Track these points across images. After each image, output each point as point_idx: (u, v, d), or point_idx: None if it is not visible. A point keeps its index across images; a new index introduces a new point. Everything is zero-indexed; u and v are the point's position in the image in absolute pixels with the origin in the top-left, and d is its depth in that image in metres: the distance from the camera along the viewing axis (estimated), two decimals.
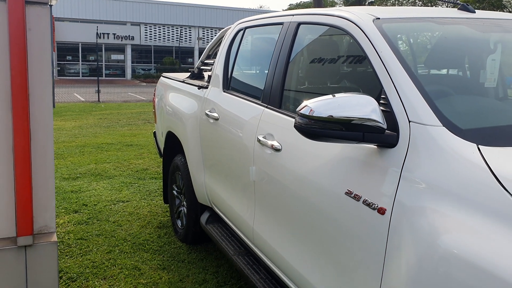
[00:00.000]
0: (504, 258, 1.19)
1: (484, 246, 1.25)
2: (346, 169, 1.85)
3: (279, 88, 2.53)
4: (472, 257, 1.25)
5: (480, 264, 1.22)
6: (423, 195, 1.48)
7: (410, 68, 1.77)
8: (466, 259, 1.26)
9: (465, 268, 1.26)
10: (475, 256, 1.24)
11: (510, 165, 1.34)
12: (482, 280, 1.21)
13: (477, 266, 1.23)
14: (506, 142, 1.48)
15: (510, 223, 1.22)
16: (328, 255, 1.93)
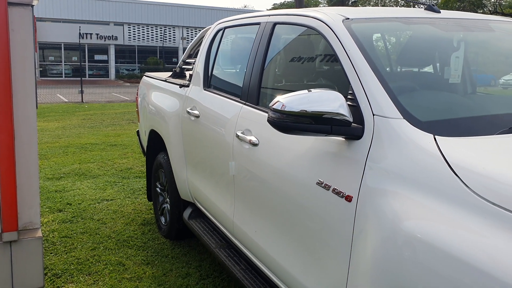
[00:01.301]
0: (457, 238, 1.31)
1: (440, 228, 1.37)
2: (318, 161, 1.96)
3: (256, 86, 2.63)
4: (430, 239, 1.36)
5: (437, 245, 1.33)
6: (384, 182, 1.59)
7: (375, 66, 1.89)
8: (425, 241, 1.37)
9: (424, 249, 1.37)
10: (433, 238, 1.36)
11: (461, 153, 1.46)
12: (438, 258, 1.32)
13: (435, 247, 1.34)
14: (461, 132, 1.61)
15: (460, 206, 1.34)
16: (303, 243, 2.04)
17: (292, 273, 2.13)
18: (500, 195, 1.26)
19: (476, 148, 1.50)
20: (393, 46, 2.37)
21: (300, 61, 2.54)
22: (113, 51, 37.84)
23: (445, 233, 1.34)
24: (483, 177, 1.33)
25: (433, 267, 1.33)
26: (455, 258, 1.27)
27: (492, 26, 2.45)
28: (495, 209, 1.25)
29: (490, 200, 1.27)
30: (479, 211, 1.28)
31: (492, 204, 1.26)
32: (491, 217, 1.25)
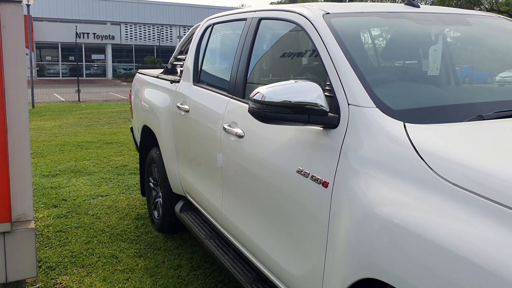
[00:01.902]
0: (422, 218, 1.38)
1: (407, 209, 1.44)
2: (298, 150, 2.04)
3: (242, 80, 2.71)
4: (399, 220, 1.44)
5: (404, 225, 1.41)
6: (357, 167, 1.67)
7: (352, 58, 1.96)
8: (393, 222, 1.45)
9: (393, 229, 1.45)
10: (401, 219, 1.43)
11: (427, 139, 1.53)
12: (406, 237, 1.39)
13: (403, 227, 1.41)
14: (430, 120, 1.68)
15: (425, 187, 1.42)
16: (285, 229, 2.12)
17: (275, 259, 2.20)
18: (459, 177, 1.34)
19: (442, 134, 1.58)
20: (371, 39, 2.44)
21: (284, 54, 2.61)
22: (110, 51, 37.86)
23: (411, 213, 1.42)
24: (445, 160, 1.41)
25: (401, 246, 1.40)
26: (420, 236, 1.35)
27: (469, 21, 2.53)
28: (455, 189, 1.33)
29: (452, 181, 1.35)
30: (442, 192, 1.36)
31: (453, 185, 1.34)
32: (452, 197, 1.33)
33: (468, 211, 1.28)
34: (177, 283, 3.29)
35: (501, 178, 1.25)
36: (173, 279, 3.34)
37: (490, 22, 2.60)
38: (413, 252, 1.35)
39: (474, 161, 1.35)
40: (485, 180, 1.28)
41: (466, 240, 1.23)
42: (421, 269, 1.32)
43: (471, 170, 1.33)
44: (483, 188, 1.27)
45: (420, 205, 1.41)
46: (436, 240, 1.29)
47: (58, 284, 3.31)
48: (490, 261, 1.15)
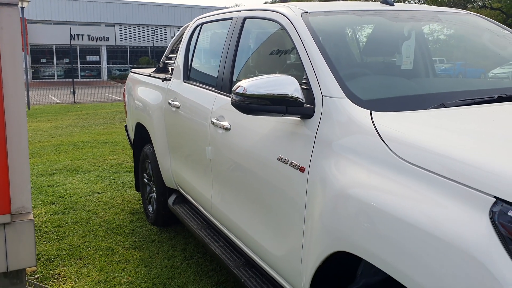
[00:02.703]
0: (385, 195, 1.54)
1: (373, 188, 1.60)
2: (278, 139, 2.19)
3: (229, 76, 2.86)
4: (365, 197, 1.59)
5: (370, 202, 1.56)
6: (329, 152, 1.83)
7: (327, 54, 2.12)
8: (361, 199, 1.60)
9: (360, 206, 1.60)
10: (367, 196, 1.59)
11: (389, 124, 1.69)
12: (371, 212, 1.54)
13: (368, 204, 1.56)
14: (395, 108, 1.84)
15: (387, 168, 1.57)
16: (268, 214, 2.27)
17: (261, 242, 2.36)
18: (415, 157, 1.49)
19: (403, 120, 1.73)
20: (346, 36, 2.60)
21: (267, 51, 2.77)
22: (105, 52, 37.92)
23: (375, 191, 1.57)
24: (403, 143, 1.56)
25: (367, 221, 1.56)
26: (383, 211, 1.50)
27: (440, 17, 2.69)
28: (412, 168, 1.48)
29: (409, 161, 1.50)
30: (401, 171, 1.52)
31: (410, 164, 1.50)
32: (409, 174, 1.48)
33: (423, 186, 1.43)
34: (170, 271, 3.44)
35: (451, 157, 1.41)
36: (167, 268, 3.49)
37: (460, 18, 2.77)
38: (377, 226, 1.50)
39: (428, 143, 1.51)
40: (437, 159, 1.43)
41: (422, 211, 1.39)
42: (383, 240, 1.48)
43: (425, 151, 1.48)
44: (436, 166, 1.42)
45: (383, 184, 1.56)
46: (396, 214, 1.45)
47: (57, 275, 3.45)
48: (442, 228, 1.30)
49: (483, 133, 1.57)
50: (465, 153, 1.39)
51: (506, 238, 1.19)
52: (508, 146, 1.44)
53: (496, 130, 1.61)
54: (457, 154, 1.40)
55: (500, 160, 1.33)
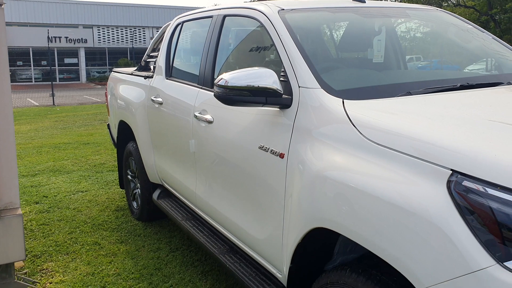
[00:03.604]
0: (356, 173, 1.68)
1: (345, 168, 1.74)
2: (259, 129, 2.32)
3: (210, 71, 2.98)
4: (338, 177, 1.73)
5: (343, 181, 1.70)
6: (306, 138, 1.97)
7: (302, 48, 2.26)
8: (336, 180, 1.74)
9: (334, 185, 1.74)
10: (340, 176, 1.73)
11: (359, 111, 1.84)
12: (344, 189, 1.69)
13: (342, 183, 1.70)
14: (362, 97, 1.99)
15: (358, 149, 1.72)
16: (251, 200, 2.40)
17: (244, 227, 2.49)
18: (381, 138, 1.65)
19: (371, 107, 1.88)
20: (321, 31, 2.74)
21: (247, 47, 2.90)
22: (83, 54, 37.53)
23: (348, 171, 1.72)
24: (370, 126, 1.72)
25: (340, 198, 1.70)
26: (354, 188, 1.64)
27: (408, 13, 2.86)
28: (378, 148, 1.63)
29: (375, 142, 1.65)
30: (369, 151, 1.66)
31: (377, 144, 1.64)
32: (376, 154, 1.63)
33: (391, 164, 1.58)
34: (157, 263, 3.55)
35: (413, 137, 1.56)
36: (153, 260, 3.59)
37: (427, 14, 2.94)
38: (350, 202, 1.65)
39: (394, 126, 1.66)
40: (401, 139, 1.59)
41: (391, 186, 1.53)
42: (356, 215, 1.62)
43: (391, 133, 1.64)
44: (401, 145, 1.57)
45: (355, 164, 1.71)
46: (367, 190, 1.59)
47: (45, 269, 3.52)
48: (409, 201, 1.45)
49: (442, 116, 1.73)
50: (425, 133, 1.55)
51: (461, 206, 1.34)
52: (463, 126, 1.61)
53: (454, 112, 1.78)
54: (418, 134, 1.55)
55: (455, 137, 1.49)
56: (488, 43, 2.80)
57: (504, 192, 1.27)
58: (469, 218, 1.31)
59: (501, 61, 2.72)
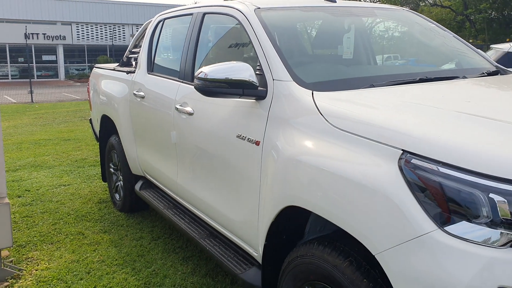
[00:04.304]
0: (323, 157, 1.87)
1: (314, 152, 1.93)
2: (236, 119, 2.50)
3: (191, 66, 3.14)
4: (308, 160, 1.92)
5: (313, 163, 1.89)
6: (279, 126, 2.15)
7: (277, 44, 2.44)
8: (305, 162, 1.92)
9: (304, 167, 1.92)
10: (309, 159, 1.91)
11: (326, 101, 2.03)
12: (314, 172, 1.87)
13: (312, 165, 1.89)
14: (330, 88, 2.18)
15: (325, 135, 1.91)
16: (230, 186, 2.57)
17: (222, 211, 2.66)
18: (345, 124, 1.84)
19: (338, 97, 2.08)
20: (294, 29, 2.93)
21: (225, 43, 3.07)
22: (61, 51, 37.08)
23: (316, 155, 1.91)
24: (336, 115, 1.91)
25: (309, 178, 1.89)
26: (322, 169, 1.83)
27: (376, 12, 3.07)
28: (343, 133, 1.83)
29: (340, 128, 1.85)
30: (335, 136, 1.85)
31: (341, 130, 1.84)
32: (341, 139, 1.82)
33: (353, 147, 1.77)
34: (140, 250, 3.69)
35: (371, 123, 1.76)
36: (136, 248, 3.74)
37: (394, 13, 3.16)
38: (319, 182, 1.84)
39: (355, 113, 1.86)
40: (362, 125, 1.78)
41: (354, 167, 1.72)
42: (324, 193, 1.81)
43: (353, 120, 1.83)
44: (361, 130, 1.77)
45: (323, 148, 1.90)
46: (333, 171, 1.78)
47: (30, 258, 3.64)
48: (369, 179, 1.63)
49: (398, 104, 1.93)
50: (382, 119, 1.75)
51: (410, 182, 1.54)
52: (414, 112, 1.81)
53: (409, 101, 1.99)
54: (376, 120, 1.75)
55: (407, 122, 1.70)
56: (449, 41, 3.03)
57: (446, 168, 1.47)
58: (416, 190, 1.51)
59: (460, 58, 2.95)
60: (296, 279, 2.04)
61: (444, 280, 1.39)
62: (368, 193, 1.63)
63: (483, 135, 1.57)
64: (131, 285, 3.16)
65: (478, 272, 1.34)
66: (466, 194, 1.43)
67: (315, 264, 1.89)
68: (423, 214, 1.47)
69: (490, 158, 1.43)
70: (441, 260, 1.40)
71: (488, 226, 1.39)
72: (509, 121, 1.66)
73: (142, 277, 3.26)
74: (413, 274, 1.46)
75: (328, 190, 1.79)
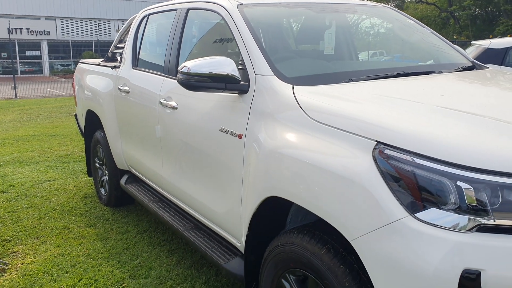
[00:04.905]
0: (305, 149, 1.93)
1: (294, 145, 1.99)
2: (220, 113, 2.55)
3: (175, 61, 3.18)
4: (288, 151, 1.98)
5: (292, 155, 1.95)
6: (261, 119, 2.21)
7: (259, 40, 2.50)
8: (285, 154, 1.99)
9: (285, 159, 1.99)
10: (290, 151, 1.98)
11: (305, 95, 2.09)
12: (293, 163, 1.93)
13: (291, 157, 1.95)
14: (310, 83, 2.24)
15: (304, 127, 1.97)
16: (214, 178, 2.63)
17: (206, 203, 2.72)
18: (322, 117, 1.91)
19: (317, 92, 2.14)
20: (276, 25, 2.99)
21: (208, 38, 3.12)
22: (46, 46, 36.66)
23: (296, 147, 1.97)
24: (315, 108, 1.98)
25: (289, 170, 1.95)
26: (302, 161, 1.89)
27: (356, 9, 3.15)
28: (321, 126, 1.89)
29: (318, 120, 1.91)
30: (313, 129, 1.92)
31: (319, 123, 1.90)
32: (319, 131, 1.89)
33: (331, 139, 1.83)
34: (125, 243, 3.73)
35: (348, 115, 1.83)
36: (122, 241, 3.78)
37: (374, 10, 3.24)
38: (299, 173, 1.90)
39: (334, 107, 1.92)
40: (339, 118, 1.85)
41: (332, 158, 1.79)
42: (304, 183, 1.87)
43: (331, 113, 1.90)
44: (338, 123, 1.83)
45: (302, 140, 1.96)
46: (313, 162, 1.84)
47: (15, 252, 3.65)
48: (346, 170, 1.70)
49: (374, 98, 2.01)
50: (358, 112, 1.82)
51: (384, 171, 1.61)
52: (389, 105, 1.89)
53: (385, 95, 2.06)
54: (352, 113, 1.82)
55: (381, 114, 1.77)
56: (426, 37, 3.11)
57: (417, 158, 1.55)
58: (389, 179, 1.58)
59: (437, 53, 3.03)
60: (277, 267, 2.10)
61: (414, 263, 1.46)
62: (344, 183, 1.70)
63: (453, 127, 1.64)
64: (117, 277, 3.20)
65: (446, 255, 1.42)
66: (436, 182, 1.50)
67: (295, 252, 1.95)
68: (395, 202, 1.55)
69: (458, 148, 1.51)
70: (411, 244, 1.48)
71: (455, 212, 1.47)
72: (477, 114, 1.75)
73: (127, 270, 3.30)
74: (385, 258, 1.54)
75: (307, 181, 1.86)
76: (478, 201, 1.44)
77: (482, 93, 2.31)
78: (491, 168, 1.44)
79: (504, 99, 2.14)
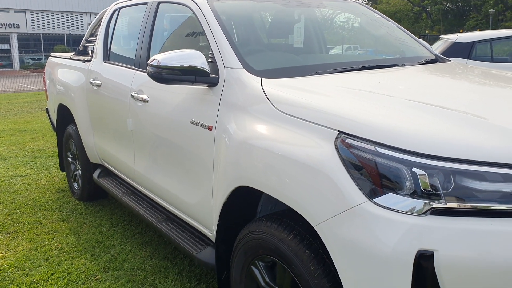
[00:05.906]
0: (272, 139, 1.99)
1: (262, 136, 2.05)
2: (190, 106, 2.59)
3: (146, 54, 3.20)
4: (256, 142, 2.04)
5: (260, 145, 2.01)
6: (230, 111, 2.26)
7: (228, 33, 2.54)
8: (255, 146, 2.04)
9: (253, 150, 2.04)
10: (258, 141, 2.03)
11: (273, 87, 2.15)
12: (261, 153, 1.99)
13: (259, 147, 2.01)
14: (278, 76, 2.31)
15: (272, 119, 2.03)
16: (185, 171, 2.67)
17: (178, 195, 2.76)
18: (288, 109, 1.97)
19: (284, 84, 2.20)
20: (245, 19, 3.04)
21: (179, 32, 3.15)
22: (15, 40, 35.74)
23: (264, 138, 2.03)
24: (282, 100, 2.04)
25: (258, 159, 2.01)
26: (269, 150, 1.96)
27: (324, 4, 3.22)
28: (287, 117, 1.96)
29: (284, 112, 1.98)
30: (280, 120, 1.98)
31: (286, 114, 1.97)
32: (286, 122, 1.95)
33: (297, 129, 1.90)
34: (99, 237, 3.74)
35: (312, 107, 1.90)
36: (95, 235, 3.79)
37: (342, 5, 3.32)
38: (267, 163, 1.96)
39: (299, 99, 1.99)
40: (304, 109, 1.92)
41: (298, 147, 1.85)
42: (272, 172, 1.94)
43: (296, 105, 1.96)
44: (303, 114, 1.90)
45: (270, 131, 2.03)
46: (280, 152, 1.91)
47: None
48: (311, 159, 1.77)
49: (338, 90, 2.08)
50: (321, 103, 1.89)
51: (345, 160, 1.69)
52: (351, 96, 1.97)
53: (349, 87, 2.14)
54: (316, 104, 1.89)
55: (343, 105, 1.84)
56: (392, 31, 3.21)
57: (376, 146, 1.63)
58: (350, 167, 1.66)
59: (402, 47, 3.14)
60: (247, 255, 2.17)
61: (373, 245, 1.54)
62: (309, 171, 1.77)
63: (410, 117, 1.73)
64: (90, 269, 3.22)
65: (402, 237, 1.51)
66: (394, 169, 1.58)
67: (264, 239, 2.02)
68: (355, 188, 1.62)
69: (413, 136, 1.60)
70: (370, 228, 1.56)
71: (411, 197, 1.55)
72: (434, 104, 1.84)
73: (101, 262, 3.31)
74: (346, 242, 1.62)
75: (275, 170, 1.92)
76: (432, 186, 1.53)
77: (441, 84, 2.42)
78: (443, 155, 1.53)
79: (460, 90, 2.25)
